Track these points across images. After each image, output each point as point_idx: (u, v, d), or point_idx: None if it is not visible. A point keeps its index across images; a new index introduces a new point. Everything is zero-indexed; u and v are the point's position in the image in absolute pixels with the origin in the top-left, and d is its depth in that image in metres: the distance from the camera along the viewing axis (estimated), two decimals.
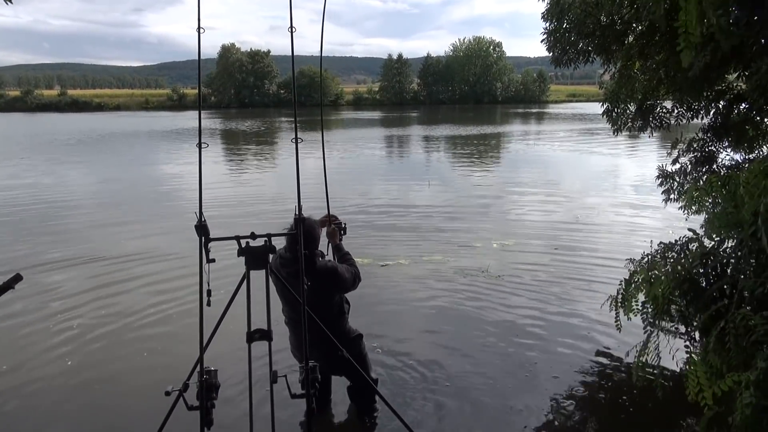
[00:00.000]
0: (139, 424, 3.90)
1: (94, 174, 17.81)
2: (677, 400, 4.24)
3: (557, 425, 3.97)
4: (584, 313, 5.84)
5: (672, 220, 8.76)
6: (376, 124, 43.18)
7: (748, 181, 2.38)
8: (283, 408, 3.74)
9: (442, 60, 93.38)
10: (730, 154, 4.64)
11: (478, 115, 55.39)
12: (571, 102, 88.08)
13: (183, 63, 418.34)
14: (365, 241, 8.58)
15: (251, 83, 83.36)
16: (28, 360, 5.05)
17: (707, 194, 2.97)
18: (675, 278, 2.84)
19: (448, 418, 4.04)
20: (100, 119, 52.14)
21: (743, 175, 2.51)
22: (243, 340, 2.92)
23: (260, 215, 10.94)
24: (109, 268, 7.70)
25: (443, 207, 11.66)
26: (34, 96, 79.45)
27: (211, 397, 2.69)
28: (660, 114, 4.94)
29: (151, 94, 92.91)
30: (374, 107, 77.22)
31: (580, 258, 7.89)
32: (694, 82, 4.04)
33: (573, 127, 37.96)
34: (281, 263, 3.57)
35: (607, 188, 14.07)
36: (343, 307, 3.82)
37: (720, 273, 2.84)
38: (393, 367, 4.78)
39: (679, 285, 2.86)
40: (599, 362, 4.88)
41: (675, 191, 5.17)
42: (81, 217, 11.13)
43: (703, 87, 4.26)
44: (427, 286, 6.85)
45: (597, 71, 10.19)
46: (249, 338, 2.91)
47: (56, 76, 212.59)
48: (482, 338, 5.39)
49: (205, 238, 2.78)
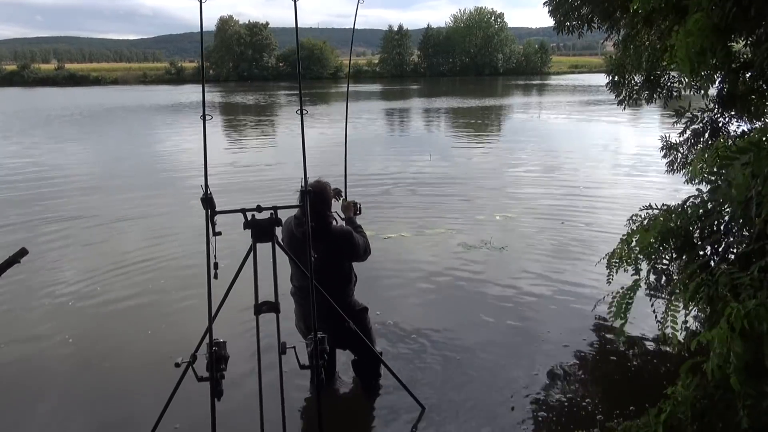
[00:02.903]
0: (149, 396, 3.95)
1: (99, 150, 17.77)
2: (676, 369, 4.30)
3: (559, 396, 4.02)
4: (587, 283, 5.87)
5: (676, 191, 8.74)
6: (377, 97, 42.82)
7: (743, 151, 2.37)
8: (291, 379, 3.79)
9: (443, 31, 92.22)
10: (737, 124, 4.59)
11: (479, 87, 54.93)
12: (573, 73, 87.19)
13: (180, 36, 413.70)
14: (367, 215, 8.54)
15: (250, 56, 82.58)
16: (29, 338, 5.05)
17: (711, 166, 2.97)
18: (669, 230, 2.86)
19: (453, 389, 4.09)
20: (99, 93, 51.78)
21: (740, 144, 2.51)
22: (250, 313, 2.95)
23: (265, 188, 10.91)
24: (110, 245, 7.73)
25: (444, 180, 11.63)
26: (31, 70, 78.74)
27: (221, 369, 2.72)
28: (668, 84, 4.88)
29: (149, 67, 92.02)
30: (374, 80, 76.50)
31: (583, 229, 7.90)
32: (701, 50, 3.98)
33: (575, 98, 37.65)
34: (296, 223, 3.57)
35: (610, 159, 14.01)
36: (351, 277, 3.83)
37: (714, 231, 2.86)
38: (396, 339, 4.82)
39: (671, 235, 2.88)
40: (603, 333, 4.92)
41: (679, 163, 5.14)
42: (84, 194, 11.11)
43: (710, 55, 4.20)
44: (430, 258, 6.87)
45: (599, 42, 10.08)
46: (256, 310, 2.94)
47: (53, 50, 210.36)
48: (486, 310, 5.43)
49: (211, 210, 2.79)
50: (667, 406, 2.33)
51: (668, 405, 2.33)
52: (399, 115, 28.46)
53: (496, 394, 4.03)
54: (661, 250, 3.04)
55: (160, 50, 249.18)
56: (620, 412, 3.74)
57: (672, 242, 2.95)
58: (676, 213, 2.93)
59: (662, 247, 3.01)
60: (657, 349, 4.57)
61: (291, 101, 37.25)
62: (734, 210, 2.51)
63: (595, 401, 3.92)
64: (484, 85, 57.73)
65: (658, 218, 2.98)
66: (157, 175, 13.00)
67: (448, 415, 3.79)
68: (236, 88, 57.74)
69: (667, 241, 2.95)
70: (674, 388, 2.36)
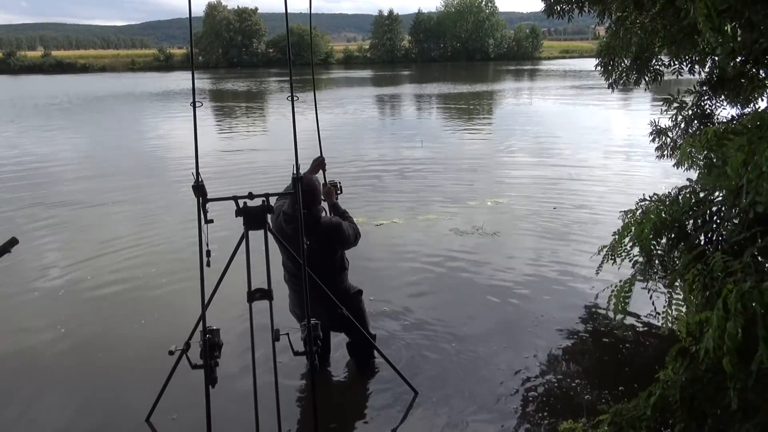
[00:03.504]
0: (143, 384, 3.96)
1: (88, 138, 17.60)
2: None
3: (552, 380, 4.06)
4: (579, 268, 5.91)
5: (665, 175, 8.80)
6: (368, 83, 42.63)
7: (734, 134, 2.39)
8: (285, 365, 3.80)
9: (434, 16, 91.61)
10: (727, 109, 4.61)
11: (471, 72, 54.72)
12: (564, 58, 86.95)
13: (168, 22, 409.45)
14: (359, 202, 8.58)
15: (239, 42, 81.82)
16: (20, 329, 5.03)
17: (701, 149, 2.98)
18: (663, 221, 2.89)
19: (446, 373, 4.13)
20: (87, 81, 51.14)
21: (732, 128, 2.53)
22: (243, 301, 2.95)
23: (257, 175, 10.87)
24: (100, 233, 7.68)
25: (436, 166, 11.63)
26: (17, 58, 77.55)
27: (215, 356, 2.73)
28: (655, 67, 4.90)
29: (137, 54, 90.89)
30: (365, 66, 76.09)
31: (575, 213, 7.94)
32: (690, 34, 3.99)
33: (566, 83, 37.62)
34: (285, 219, 3.59)
35: (601, 144, 14.03)
36: (344, 263, 3.89)
37: (707, 221, 2.89)
38: (388, 324, 4.84)
39: (665, 228, 2.91)
40: (595, 316, 4.96)
41: (669, 147, 5.16)
42: (72, 184, 11.03)
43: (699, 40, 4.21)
44: (422, 244, 6.89)
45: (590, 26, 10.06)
46: (249, 298, 2.95)
47: (39, 37, 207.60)
48: (479, 295, 5.46)
49: (203, 198, 2.78)
50: (657, 390, 2.35)
51: (658, 388, 2.36)
52: (390, 102, 28.37)
53: (489, 378, 4.06)
54: (655, 244, 3.07)
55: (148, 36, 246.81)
56: (611, 394, 3.80)
57: (666, 234, 2.98)
58: (668, 204, 2.95)
59: (657, 240, 3.04)
60: (648, 333, 4.62)
61: (283, 88, 37.05)
62: (725, 198, 2.54)
63: (588, 385, 3.97)
64: (475, 71, 57.50)
65: (651, 211, 3.00)
66: (146, 162, 12.91)
67: (441, 399, 3.82)
68: (226, 75, 57.26)
69: (661, 234, 2.97)
70: (664, 372, 2.38)
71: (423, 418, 3.66)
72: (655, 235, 2.95)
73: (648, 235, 2.92)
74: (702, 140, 2.86)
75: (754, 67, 4.12)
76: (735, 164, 2.23)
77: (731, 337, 1.90)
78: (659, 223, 2.88)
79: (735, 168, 2.23)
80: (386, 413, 3.74)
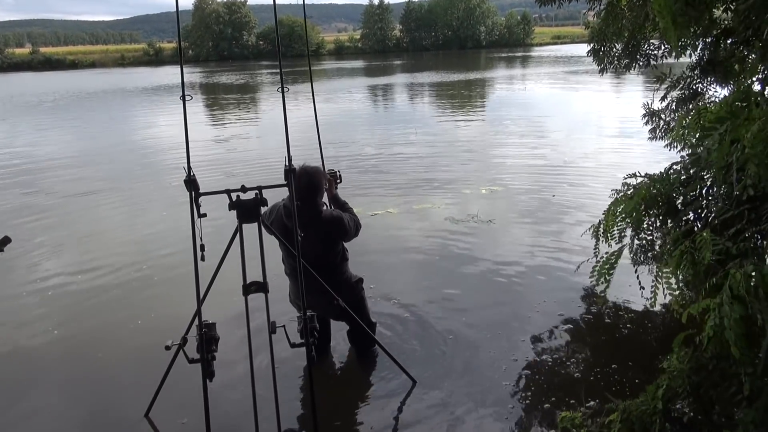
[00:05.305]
0: (141, 380, 3.96)
1: (80, 135, 17.50)
2: (663, 338, 4.39)
3: (550, 368, 4.08)
4: (575, 253, 5.92)
5: (659, 157, 8.80)
6: (360, 74, 42.45)
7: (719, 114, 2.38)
8: (283, 358, 3.81)
9: (424, 5, 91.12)
10: (717, 90, 4.62)
11: (463, 61, 54.55)
12: (556, 44, 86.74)
13: (157, 16, 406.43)
14: (353, 192, 8.56)
15: (229, 35, 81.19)
16: (16, 326, 5.01)
17: (694, 129, 2.98)
18: (653, 196, 2.90)
19: (444, 362, 4.15)
20: (76, 77, 50.74)
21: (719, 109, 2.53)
22: (239, 294, 2.95)
23: (250, 167, 10.83)
24: (93, 229, 7.67)
25: (430, 155, 11.61)
26: (5, 55, 76.86)
27: (212, 350, 2.73)
28: (647, 51, 4.90)
29: (127, 49, 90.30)
30: (356, 56, 75.74)
31: (569, 199, 7.96)
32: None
33: (558, 69, 37.56)
34: (286, 214, 3.58)
35: (594, 129, 14.05)
36: (346, 254, 3.92)
37: (696, 198, 2.90)
38: (387, 315, 4.85)
39: (654, 203, 2.92)
40: (592, 301, 4.98)
41: (661, 129, 5.17)
42: (64, 182, 10.97)
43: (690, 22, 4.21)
44: (417, 233, 6.90)
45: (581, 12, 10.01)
46: (245, 291, 2.94)
47: (26, 34, 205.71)
48: (476, 283, 5.48)
49: (195, 192, 2.77)
50: (664, 381, 2.35)
51: (665, 379, 2.35)
52: (383, 91, 28.27)
53: (488, 366, 4.08)
54: (644, 218, 3.08)
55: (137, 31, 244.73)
56: (611, 381, 3.82)
57: (655, 209, 2.99)
58: (658, 180, 2.96)
59: (646, 214, 3.05)
60: (643, 316, 4.65)
61: (275, 81, 36.82)
62: (715, 176, 2.54)
63: (586, 370, 3.99)
64: (467, 59, 57.32)
65: (641, 187, 3.01)
66: (139, 159, 12.81)
67: (440, 388, 3.84)
68: (217, 68, 56.88)
69: (651, 207, 2.99)
70: (669, 362, 2.38)
71: (421, 408, 3.67)
72: (645, 209, 2.96)
73: (637, 208, 2.92)
74: (693, 122, 2.87)
75: (746, 50, 4.12)
76: (718, 151, 2.24)
77: (737, 322, 1.90)
78: (649, 198, 2.88)
79: (718, 155, 2.24)
80: (384, 402, 3.75)
